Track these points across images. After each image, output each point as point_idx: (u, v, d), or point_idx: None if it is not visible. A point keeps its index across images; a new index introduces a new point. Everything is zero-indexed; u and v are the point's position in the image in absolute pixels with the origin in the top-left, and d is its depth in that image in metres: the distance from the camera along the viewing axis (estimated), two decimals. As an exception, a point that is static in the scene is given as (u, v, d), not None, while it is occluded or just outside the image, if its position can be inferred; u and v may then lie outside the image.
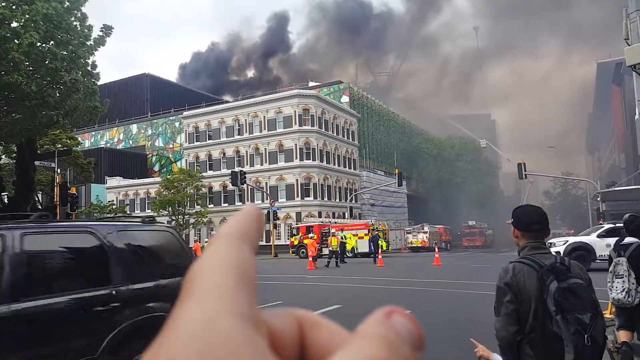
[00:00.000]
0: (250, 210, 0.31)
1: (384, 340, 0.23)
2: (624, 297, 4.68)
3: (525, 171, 30.97)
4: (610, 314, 7.75)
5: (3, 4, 14.71)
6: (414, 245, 43.41)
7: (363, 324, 0.25)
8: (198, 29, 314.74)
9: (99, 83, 20.01)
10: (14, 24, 14.94)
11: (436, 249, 27.49)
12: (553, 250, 18.19)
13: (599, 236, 17.91)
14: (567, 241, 18.39)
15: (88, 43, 17.69)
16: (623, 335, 5.19)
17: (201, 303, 0.23)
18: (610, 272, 4.88)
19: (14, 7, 14.87)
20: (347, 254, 30.49)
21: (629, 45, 18.47)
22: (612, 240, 16.90)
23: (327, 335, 0.27)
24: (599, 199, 28.55)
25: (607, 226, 18.32)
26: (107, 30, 18.26)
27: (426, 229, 44.50)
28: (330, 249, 25.10)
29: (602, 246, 17.27)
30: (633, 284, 4.66)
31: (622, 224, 5.11)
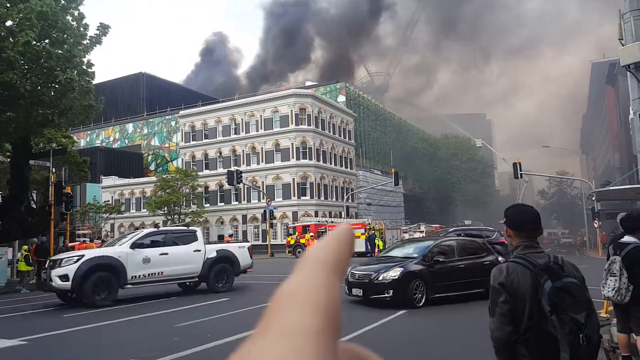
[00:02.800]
0: (345, 233, 0.29)
1: None
2: (614, 296, 4.74)
3: (520, 170, 31.04)
4: (606, 312, 7.80)
5: None
6: (410, 244, 43.44)
7: None
8: (199, 26, 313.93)
9: (95, 82, 19.92)
10: (9, 23, 14.85)
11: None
12: None
13: (134, 246, 12.28)
14: (82, 256, 11.76)
15: (84, 42, 17.60)
16: (621, 339, 5.22)
17: (284, 345, 0.22)
18: (605, 269, 4.92)
19: (8, 5, 14.78)
20: None
21: (623, 46, 18.55)
22: (151, 251, 12.22)
23: None
24: (593, 198, 28.68)
25: (147, 230, 13.40)
26: (103, 29, 18.17)
27: (422, 228, 44.51)
28: None
29: (139, 262, 12.14)
30: (624, 283, 4.70)
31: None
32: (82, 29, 17.51)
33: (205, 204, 46.39)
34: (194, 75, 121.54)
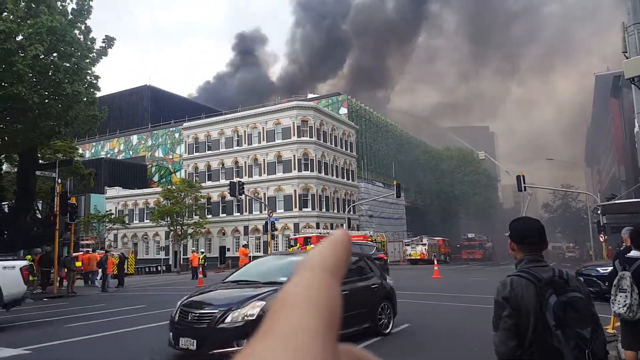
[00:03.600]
0: (343, 238, 0.30)
1: None
2: (625, 312, 4.65)
3: (524, 183, 30.93)
4: (613, 329, 7.71)
5: (11, 17, 14.85)
6: (412, 257, 43.23)
7: None
8: (209, 40, 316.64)
9: (101, 94, 20.14)
10: (19, 37, 15.09)
11: (435, 262, 27.37)
12: None
13: None
14: None
15: (91, 55, 17.84)
16: (629, 356, 5.15)
17: (286, 345, 0.23)
18: (615, 285, 4.83)
19: (19, 21, 15.02)
20: None
21: (627, 58, 18.61)
22: None
23: None
24: (599, 211, 28.48)
25: None
26: (109, 41, 18.41)
27: (425, 241, 44.32)
28: None
29: None
30: (635, 299, 4.62)
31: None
32: (88, 42, 17.76)
33: (208, 214, 46.42)
34: (228, 78, 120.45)
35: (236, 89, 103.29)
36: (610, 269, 11.86)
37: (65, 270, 20.31)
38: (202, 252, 33.30)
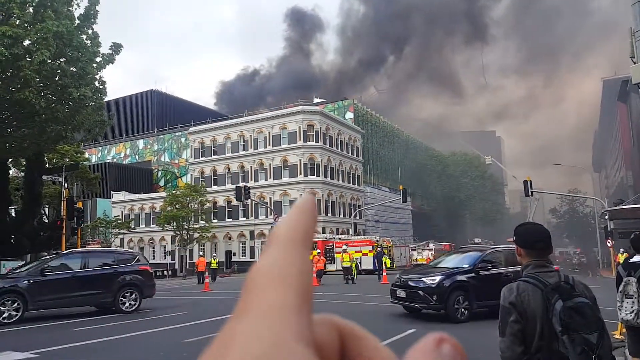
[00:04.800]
0: (307, 204, 0.29)
1: None
2: (633, 319, 4.58)
3: (531, 188, 30.74)
4: (620, 334, 7.61)
5: (17, 22, 15.03)
6: (419, 262, 42.99)
7: (413, 350, 0.25)
8: (221, 46, 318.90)
9: (108, 99, 20.30)
10: (26, 42, 15.26)
11: (441, 267, 27.13)
12: None
13: None
14: None
15: (97, 60, 18.00)
16: None
17: (263, 323, 0.22)
18: (620, 291, 4.77)
19: (26, 25, 15.20)
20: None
21: (635, 64, 18.49)
22: None
23: (369, 351, 0.26)
24: (606, 217, 28.25)
25: None
26: (116, 48, 18.58)
27: (431, 246, 44.10)
28: (343, 265, 25.01)
29: None
30: None
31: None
32: (95, 47, 17.94)
33: (213, 219, 46.51)
34: (285, 64, 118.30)
35: (282, 80, 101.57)
36: (438, 279, 10.95)
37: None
38: (215, 257, 33.50)
